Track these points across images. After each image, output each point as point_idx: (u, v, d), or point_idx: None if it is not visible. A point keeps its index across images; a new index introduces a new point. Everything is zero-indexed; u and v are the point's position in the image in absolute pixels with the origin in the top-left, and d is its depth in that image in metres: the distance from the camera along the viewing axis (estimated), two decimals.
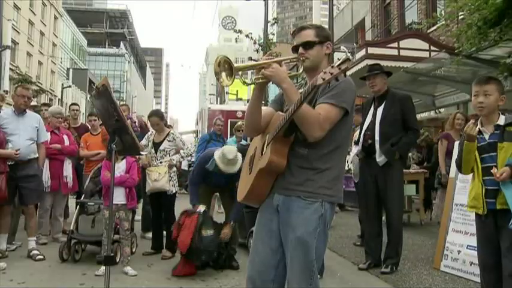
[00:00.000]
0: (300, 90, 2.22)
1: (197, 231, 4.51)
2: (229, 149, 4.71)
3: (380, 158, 4.61)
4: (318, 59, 2.32)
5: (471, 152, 2.99)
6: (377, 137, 4.64)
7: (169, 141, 5.52)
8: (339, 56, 1.94)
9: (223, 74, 2.15)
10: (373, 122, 4.73)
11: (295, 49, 2.35)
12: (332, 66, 1.88)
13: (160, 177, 5.31)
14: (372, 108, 4.81)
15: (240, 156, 4.66)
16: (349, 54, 1.87)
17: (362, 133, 4.84)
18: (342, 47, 2.23)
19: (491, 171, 2.82)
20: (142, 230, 6.59)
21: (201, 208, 4.68)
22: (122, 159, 4.85)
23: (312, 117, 2.10)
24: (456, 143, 5.21)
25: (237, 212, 4.89)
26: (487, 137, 2.98)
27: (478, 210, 2.98)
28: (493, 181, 2.85)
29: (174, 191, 5.43)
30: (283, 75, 2.14)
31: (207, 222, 4.66)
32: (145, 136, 5.80)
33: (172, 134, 5.64)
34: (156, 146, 5.52)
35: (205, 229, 4.58)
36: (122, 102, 43.99)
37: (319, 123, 2.11)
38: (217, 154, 4.66)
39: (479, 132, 3.00)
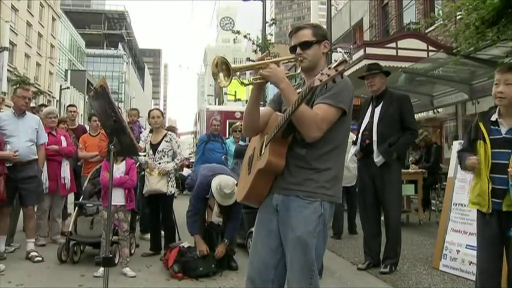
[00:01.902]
0: (298, 90, 2.22)
1: (184, 250, 4.62)
2: (227, 182, 4.57)
3: (377, 159, 4.60)
4: (316, 58, 2.31)
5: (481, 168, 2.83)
6: (374, 137, 4.63)
7: (166, 141, 5.51)
8: (336, 57, 1.94)
9: (221, 75, 2.15)
10: (370, 122, 4.72)
11: (292, 49, 2.34)
12: (329, 68, 1.88)
13: (158, 180, 5.33)
14: (370, 108, 4.80)
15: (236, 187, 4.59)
16: (345, 56, 1.88)
17: (360, 133, 4.84)
18: (338, 49, 2.22)
19: (508, 170, 2.62)
20: (140, 231, 6.59)
21: (185, 243, 4.80)
22: (122, 160, 4.84)
23: (310, 117, 2.10)
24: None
25: (232, 231, 4.90)
26: (503, 130, 2.78)
27: (482, 208, 2.82)
28: (503, 180, 2.67)
29: (172, 192, 5.44)
30: (281, 75, 2.14)
31: (192, 247, 4.74)
32: (142, 138, 5.79)
33: (170, 134, 5.63)
34: (154, 147, 5.51)
35: (194, 251, 4.67)
36: (126, 107, 43.80)
37: (317, 123, 2.11)
38: (214, 185, 4.59)
39: (495, 123, 2.81)
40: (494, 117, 2.84)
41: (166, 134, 5.58)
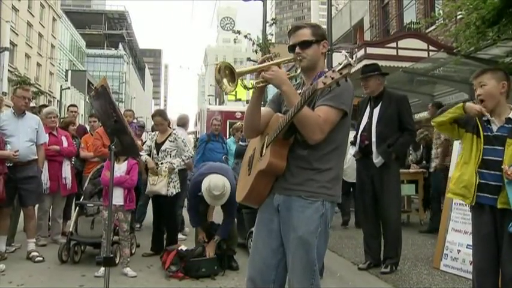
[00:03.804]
0: (299, 91, 2.22)
1: (183, 252, 4.61)
2: (216, 183, 4.49)
3: (377, 159, 4.60)
4: (315, 58, 2.32)
5: (453, 114, 2.96)
6: (373, 138, 4.63)
7: (170, 141, 5.45)
8: (338, 58, 1.94)
9: (225, 81, 2.15)
10: (369, 123, 4.71)
11: (291, 49, 2.35)
12: (333, 71, 1.87)
13: (157, 181, 5.30)
14: (368, 109, 4.79)
15: (228, 187, 4.53)
16: (350, 60, 1.86)
17: (358, 134, 4.83)
18: (342, 51, 2.20)
19: (502, 167, 2.70)
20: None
21: (183, 246, 4.77)
22: (124, 160, 4.83)
23: (312, 120, 2.10)
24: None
25: (224, 230, 4.83)
26: (494, 128, 2.86)
27: (466, 200, 2.88)
28: (495, 176, 2.74)
29: (173, 193, 5.36)
30: (283, 77, 2.14)
31: (189, 250, 4.71)
32: (150, 137, 5.79)
33: (174, 134, 5.56)
34: (158, 146, 5.47)
35: (192, 252, 4.66)
36: (127, 107, 43.91)
37: (319, 125, 2.11)
38: (204, 186, 4.55)
39: (487, 121, 2.90)
40: (485, 117, 2.93)
41: (171, 134, 5.52)
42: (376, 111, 4.69)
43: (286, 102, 2.21)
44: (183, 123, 7.40)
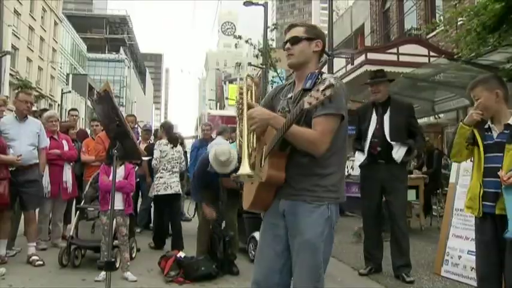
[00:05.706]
0: (290, 94, 2.29)
1: (181, 259, 4.66)
2: (222, 150, 4.65)
3: (396, 155, 4.55)
4: (303, 55, 2.32)
5: (462, 136, 2.91)
6: (389, 139, 4.60)
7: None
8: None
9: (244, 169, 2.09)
10: (379, 130, 4.66)
11: (285, 45, 2.38)
12: (317, 90, 1.89)
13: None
14: (375, 115, 4.75)
15: (234, 154, 4.61)
16: (332, 80, 1.88)
17: (367, 141, 4.72)
18: (324, 75, 2.16)
19: (498, 173, 2.69)
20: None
21: (181, 254, 4.82)
22: (121, 164, 4.84)
23: (305, 137, 2.12)
24: None
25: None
26: (495, 135, 2.87)
27: (474, 212, 2.89)
28: (495, 183, 2.74)
29: (152, 194, 6.01)
30: (265, 116, 2.16)
31: (188, 257, 4.76)
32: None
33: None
34: None
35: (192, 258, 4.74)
36: (128, 111, 43.56)
37: (320, 139, 2.12)
38: (211, 156, 4.68)
39: (488, 129, 2.90)
40: (487, 125, 2.94)
41: None
42: (387, 117, 4.66)
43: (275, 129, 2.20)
44: (219, 131, 7.61)
